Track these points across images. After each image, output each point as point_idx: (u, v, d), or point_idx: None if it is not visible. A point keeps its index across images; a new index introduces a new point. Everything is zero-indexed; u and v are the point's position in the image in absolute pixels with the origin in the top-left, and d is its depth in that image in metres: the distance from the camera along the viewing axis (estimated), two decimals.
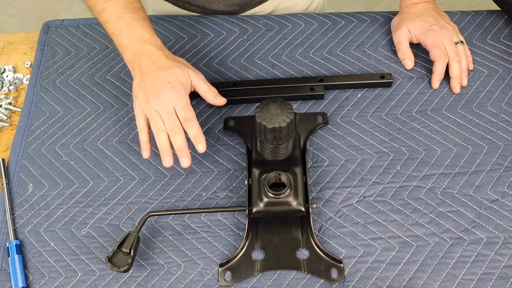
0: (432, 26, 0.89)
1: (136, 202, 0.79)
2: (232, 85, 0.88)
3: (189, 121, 0.75)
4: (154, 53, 0.78)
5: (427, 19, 0.91)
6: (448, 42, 0.88)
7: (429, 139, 0.82)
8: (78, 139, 0.86)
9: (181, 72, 0.77)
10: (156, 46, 0.79)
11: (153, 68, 0.77)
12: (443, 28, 0.89)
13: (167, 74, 0.76)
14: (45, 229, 0.77)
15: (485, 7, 1.01)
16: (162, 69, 0.77)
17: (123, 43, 0.80)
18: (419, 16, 0.92)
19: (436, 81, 0.87)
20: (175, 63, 0.78)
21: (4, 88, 0.94)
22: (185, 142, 0.75)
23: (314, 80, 0.88)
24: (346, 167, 0.80)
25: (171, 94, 0.75)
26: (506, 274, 0.70)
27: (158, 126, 0.75)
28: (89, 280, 0.73)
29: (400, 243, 0.73)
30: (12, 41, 1.02)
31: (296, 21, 0.98)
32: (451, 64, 0.87)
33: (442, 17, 0.92)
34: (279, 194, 0.70)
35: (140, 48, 0.79)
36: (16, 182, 0.82)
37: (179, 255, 0.74)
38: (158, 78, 0.76)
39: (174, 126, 0.75)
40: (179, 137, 0.75)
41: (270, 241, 0.74)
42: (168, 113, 0.75)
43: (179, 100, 0.75)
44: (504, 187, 0.77)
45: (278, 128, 0.69)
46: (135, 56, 0.79)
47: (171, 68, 0.77)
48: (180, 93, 0.75)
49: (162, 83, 0.75)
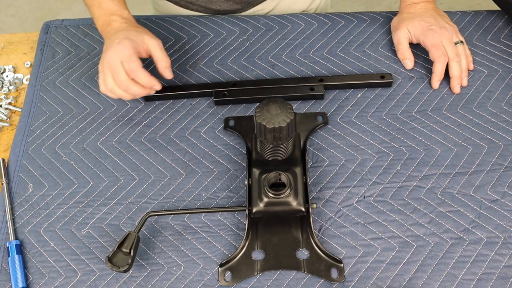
0: (432, 26, 0.89)
1: (136, 202, 0.79)
2: (232, 85, 0.88)
3: (133, 72, 0.80)
4: (118, 21, 0.85)
5: (427, 19, 0.90)
6: (448, 42, 0.88)
7: (429, 139, 0.82)
8: (78, 139, 0.86)
9: (136, 34, 0.83)
10: (122, 16, 0.86)
11: (112, 32, 0.84)
12: (442, 28, 0.89)
13: (121, 34, 0.82)
14: (45, 229, 0.77)
15: (485, 7, 1.01)
16: (120, 31, 0.83)
17: (95, 14, 0.88)
18: (419, 16, 0.91)
19: (436, 81, 0.87)
20: (134, 28, 0.85)
21: (4, 88, 0.94)
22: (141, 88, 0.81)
23: (314, 80, 0.88)
24: (346, 167, 0.80)
25: (116, 48, 0.80)
26: (506, 274, 0.70)
27: (107, 82, 0.81)
28: (89, 280, 0.73)
29: (400, 243, 0.73)
30: (12, 41, 1.02)
31: (296, 21, 0.98)
32: (451, 64, 0.87)
33: (442, 17, 0.92)
34: (279, 194, 0.70)
35: (107, 18, 0.86)
36: (16, 182, 0.82)
37: (179, 255, 0.74)
38: (111, 39, 0.82)
39: (122, 79, 0.80)
40: (132, 87, 0.81)
41: (270, 241, 0.74)
42: (115, 67, 0.80)
43: (123, 52, 0.79)
44: (504, 187, 0.77)
45: (278, 128, 0.69)
46: (103, 26, 0.87)
47: (127, 30, 0.83)
48: (124, 45, 0.80)
49: (111, 41, 0.81)
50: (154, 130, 0.86)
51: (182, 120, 0.87)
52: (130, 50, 0.79)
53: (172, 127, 0.86)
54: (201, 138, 0.85)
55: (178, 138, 0.85)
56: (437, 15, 0.92)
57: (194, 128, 0.86)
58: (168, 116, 0.88)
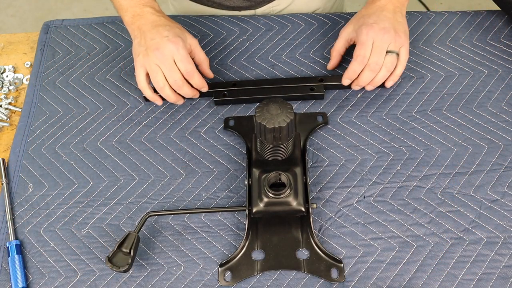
0: (372, 24, 0.80)
1: (136, 202, 0.79)
2: (232, 85, 0.88)
3: (190, 74, 0.80)
4: (153, 14, 0.82)
5: (375, 17, 0.82)
6: (378, 46, 0.80)
7: (429, 139, 0.82)
8: (78, 139, 0.86)
9: (179, 31, 0.81)
10: (155, 8, 0.84)
11: (152, 26, 0.80)
12: (383, 29, 0.80)
13: (166, 30, 0.80)
14: (45, 229, 0.77)
15: (485, 7, 1.01)
16: (161, 25, 0.80)
17: (123, 5, 0.83)
18: (371, 14, 0.83)
19: (346, 79, 0.84)
20: (174, 23, 0.83)
21: (4, 88, 0.94)
22: (191, 89, 0.82)
23: (314, 80, 0.88)
24: (346, 167, 0.80)
25: (170, 46, 0.78)
26: (506, 274, 0.70)
27: (158, 81, 0.80)
28: (89, 280, 0.73)
29: (400, 243, 0.73)
30: (12, 41, 1.02)
31: (296, 21, 0.98)
32: (364, 70, 0.81)
33: (396, 21, 0.82)
34: (279, 194, 0.70)
35: (139, 10, 0.82)
36: (16, 182, 0.82)
37: (179, 255, 0.74)
38: (157, 34, 0.79)
39: (177, 79, 0.80)
40: (185, 88, 0.81)
41: (270, 241, 0.74)
42: (169, 66, 0.79)
43: (178, 52, 0.78)
44: (504, 187, 0.77)
45: (278, 128, 0.69)
46: (135, 18, 0.82)
47: (169, 25, 0.81)
48: (178, 44, 0.78)
49: (160, 37, 0.79)
50: (154, 130, 0.86)
51: (182, 120, 0.87)
52: (185, 50, 0.79)
53: (172, 127, 0.86)
54: (201, 138, 0.85)
55: (178, 138, 0.85)
56: (392, 17, 0.82)
57: (194, 128, 0.86)
58: (168, 116, 0.88)
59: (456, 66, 0.90)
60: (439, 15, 0.97)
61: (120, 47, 0.97)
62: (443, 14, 0.97)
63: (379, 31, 0.80)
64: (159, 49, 0.78)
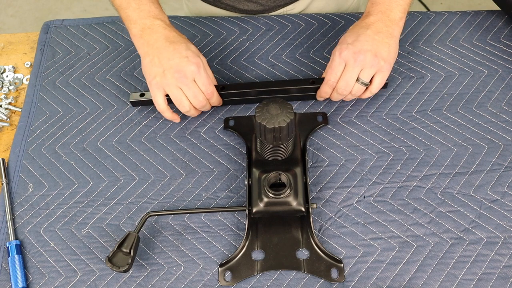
0: (349, 44, 0.76)
1: (136, 202, 0.79)
2: (230, 88, 0.86)
3: (210, 94, 0.78)
4: (165, 28, 0.77)
5: (354, 36, 0.77)
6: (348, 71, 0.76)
7: (429, 139, 0.82)
8: (78, 139, 0.86)
9: (194, 47, 0.78)
10: (165, 22, 0.79)
11: (167, 43, 0.75)
12: (358, 52, 0.75)
13: (183, 48, 0.75)
14: (45, 229, 0.77)
15: (485, 7, 1.01)
16: (177, 43, 0.76)
17: (131, 17, 0.78)
18: (354, 32, 0.78)
19: (319, 97, 0.84)
20: (186, 39, 0.79)
21: (4, 88, 0.94)
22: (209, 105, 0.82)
23: (306, 82, 0.85)
24: (346, 167, 0.80)
25: (192, 68, 0.75)
26: (506, 274, 0.70)
27: (184, 105, 0.78)
28: (89, 280, 0.73)
29: (400, 243, 0.73)
30: (12, 41, 1.02)
31: (296, 21, 0.98)
32: (333, 92, 0.81)
33: (382, 43, 0.76)
34: (279, 194, 0.70)
35: (149, 23, 0.77)
36: (16, 182, 0.82)
37: (179, 255, 0.74)
38: (174, 53, 0.75)
39: (202, 100, 0.78)
40: (206, 106, 0.81)
41: (270, 241, 0.74)
42: (193, 88, 0.76)
43: (200, 74, 0.76)
44: (504, 187, 0.77)
45: (278, 128, 0.69)
46: (145, 31, 0.77)
47: (185, 42, 0.77)
48: (200, 66, 0.76)
49: (179, 57, 0.74)
50: (154, 130, 0.86)
51: (182, 120, 0.87)
52: (205, 71, 0.77)
53: (172, 127, 0.86)
54: (201, 138, 0.85)
55: (178, 138, 0.85)
56: (376, 37, 0.76)
57: (194, 128, 0.86)
58: None
59: (456, 66, 0.90)
60: (439, 15, 0.97)
61: (120, 47, 0.97)
62: (443, 14, 0.97)
63: (354, 54, 0.75)
64: (180, 72, 0.74)
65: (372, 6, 0.80)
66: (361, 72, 0.77)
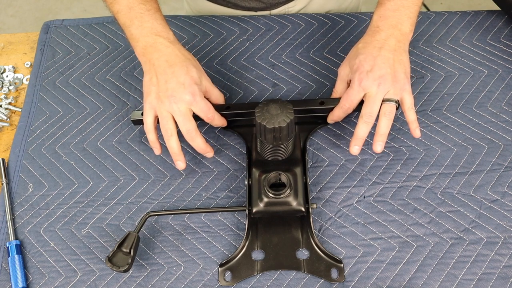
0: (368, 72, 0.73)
1: (136, 202, 0.79)
2: (226, 108, 0.80)
3: (211, 119, 0.76)
4: (167, 47, 0.75)
5: (370, 61, 0.74)
6: (372, 95, 0.73)
7: (429, 139, 0.82)
8: (78, 139, 0.86)
9: (196, 70, 0.75)
10: (168, 39, 0.77)
11: (166, 65, 0.74)
12: (379, 79, 0.72)
13: (183, 73, 0.73)
14: (45, 229, 0.77)
15: (485, 7, 1.01)
16: (176, 66, 0.74)
17: (134, 34, 0.77)
18: (367, 55, 0.74)
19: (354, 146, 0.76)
20: (188, 61, 0.76)
21: (4, 88, 0.94)
22: (204, 142, 0.75)
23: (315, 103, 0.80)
24: (346, 167, 0.80)
25: (187, 97, 0.72)
26: (506, 274, 0.70)
27: (167, 129, 0.73)
28: (89, 280, 0.73)
29: (400, 243, 0.73)
30: (12, 41, 1.02)
31: (296, 21, 0.98)
32: (359, 123, 0.74)
33: (399, 61, 0.74)
34: (279, 194, 0.70)
35: (152, 40, 0.76)
36: (16, 182, 0.82)
37: (179, 255, 0.74)
38: (172, 77, 0.73)
39: (191, 129, 0.73)
40: (197, 140, 0.74)
41: (270, 241, 0.74)
42: (184, 115, 0.73)
43: (196, 102, 0.73)
44: (504, 187, 0.77)
45: (278, 128, 0.69)
46: (147, 49, 0.76)
47: (186, 66, 0.74)
48: (195, 94, 0.73)
49: (176, 83, 0.73)
50: None
51: None
52: (202, 98, 0.73)
53: None
54: None
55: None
56: (392, 56, 0.74)
57: None
58: None
59: (456, 66, 0.90)
60: (439, 15, 0.97)
61: (120, 47, 0.97)
62: (443, 14, 0.97)
63: (374, 81, 0.73)
64: (174, 97, 0.72)
65: (381, 20, 0.78)
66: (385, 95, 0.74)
